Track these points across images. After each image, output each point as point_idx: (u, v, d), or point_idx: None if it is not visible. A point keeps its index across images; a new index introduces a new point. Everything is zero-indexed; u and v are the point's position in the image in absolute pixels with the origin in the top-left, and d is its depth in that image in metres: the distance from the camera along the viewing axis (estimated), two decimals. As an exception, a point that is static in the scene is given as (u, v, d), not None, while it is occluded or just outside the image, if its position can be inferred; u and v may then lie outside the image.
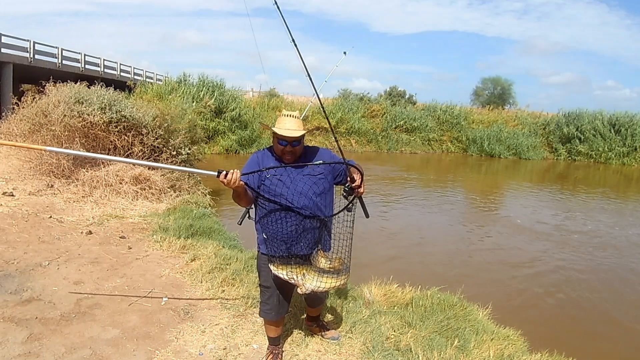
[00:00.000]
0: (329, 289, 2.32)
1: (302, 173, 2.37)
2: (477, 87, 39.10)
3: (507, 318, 3.78)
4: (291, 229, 2.32)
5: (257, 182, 2.36)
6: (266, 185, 2.35)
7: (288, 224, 2.32)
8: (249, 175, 2.28)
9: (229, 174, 2.13)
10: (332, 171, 2.46)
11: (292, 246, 2.35)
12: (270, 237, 2.36)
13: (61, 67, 18.90)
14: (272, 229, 2.34)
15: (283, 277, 2.29)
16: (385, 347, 2.88)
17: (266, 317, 2.59)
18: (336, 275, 2.30)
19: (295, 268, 2.30)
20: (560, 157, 23.11)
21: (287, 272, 2.28)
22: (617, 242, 7.71)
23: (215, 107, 16.66)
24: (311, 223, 2.36)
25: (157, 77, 28.13)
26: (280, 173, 2.36)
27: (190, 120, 8.48)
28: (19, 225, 4.70)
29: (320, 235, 2.41)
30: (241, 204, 2.40)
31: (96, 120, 6.65)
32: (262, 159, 2.42)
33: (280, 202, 2.32)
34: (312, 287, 2.26)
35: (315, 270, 2.30)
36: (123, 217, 5.48)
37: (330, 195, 2.48)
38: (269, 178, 2.35)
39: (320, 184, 2.39)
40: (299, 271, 2.29)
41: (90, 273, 3.71)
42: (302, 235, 2.35)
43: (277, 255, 2.35)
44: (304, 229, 2.35)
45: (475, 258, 6.39)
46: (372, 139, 21.83)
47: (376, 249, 6.24)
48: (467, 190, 13.13)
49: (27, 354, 2.52)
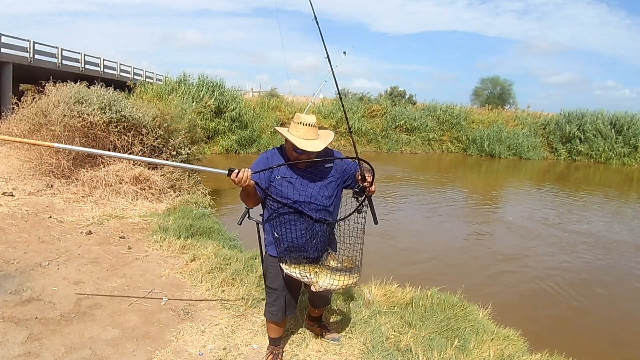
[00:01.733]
0: (342, 287, 2.30)
1: (313, 177, 2.31)
2: (477, 87, 39.13)
3: (507, 318, 3.78)
4: (301, 232, 2.29)
5: (266, 182, 2.31)
6: (275, 186, 2.30)
7: (297, 227, 2.29)
8: (259, 175, 2.24)
9: (241, 172, 2.11)
10: (342, 175, 2.41)
11: (301, 249, 2.32)
12: (282, 237, 2.33)
13: (61, 67, 18.89)
14: (281, 230, 2.31)
15: (295, 275, 2.27)
16: (385, 347, 2.88)
17: (272, 319, 2.57)
18: (348, 273, 2.29)
19: (308, 266, 2.28)
20: (561, 157, 23.10)
21: (300, 270, 2.27)
22: (617, 242, 7.71)
23: (215, 107, 16.66)
24: (320, 227, 2.32)
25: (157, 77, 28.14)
26: (290, 175, 2.30)
27: (190, 120, 8.48)
28: (18, 226, 4.69)
29: (329, 239, 2.39)
30: (249, 203, 2.36)
31: (96, 120, 6.64)
32: (273, 160, 2.35)
33: (289, 204, 2.28)
34: (326, 285, 2.25)
35: (327, 269, 2.28)
36: (123, 217, 5.47)
37: (339, 199, 2.43)
38: (279, 180, 2.29)
39: (330, 187, 2.34)
40: (312, 269, 2.28)
41: (90, 273, 3.71)
42: (311, 239, 2.32)
43: (287, 255, 2.32)
44: (313, 233, 2.31)
45: (476, 258, 6.39)
46: (372, 138, 21.82)
47: (376, 249, 6.24)
48: (467, 190, 13.12)
49: (27, 354, 2.52)
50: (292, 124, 2.31)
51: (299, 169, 2.33)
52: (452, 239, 7.45)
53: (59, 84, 7.65)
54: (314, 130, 2.28)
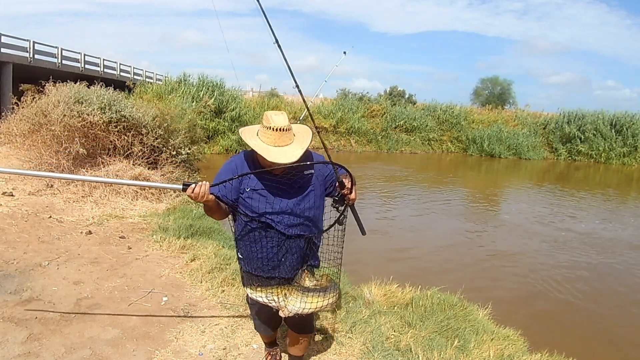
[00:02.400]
0: (315, 310, 1.97)
1: (290, 187, 1.98)
2: (477, 87, 39.09)
3: (507, 318, 3.79)
4: (272, 250, 2.00)
5: (233, 194, 1.99)
6: (245, 199, 1.99)
7: (269, 245, 1.99)
8: (222, 186, 1.95)
9: (197, 187, 1.85)
10: (325, 182, 2.11)
11: (273, 269, 2.04)
12: (246, 257, 2.07)
13: (61, 67, 18.89)
14: (250, 250, 2.03)
15: (262, 300, 1.99)
16: (385, 347, 2.88)
17: (258, 331, 2.49)
18: (323, 293, 1.97)
19: (276, 289, 1.98)
20: (561, 157, 23.12)
21: (267, 294, 1.97)
22: (618, 242, 7.71)
23: (215, 107, 16.67)
24: (296, 243, 2.02)
25: (157, 77, 28.13)
26: (262, 186, 1.97)
27: (190, 120, 8.49)
28: (18, 225, 4.69)
29: (306, 255, 2.08)
30: (215, 217, 2.07)
31: (96, 120, 6.64)
32: (241, 169, 2.02)
33: (261, 220, 1.98)
34: (296, 309, 1.95)
35: (299, 290, 1.97)
36: (123, 217, 5.47)
37: (321, 209, 2.11)
38: (248, 192, 1.97)
39: (310, 198, 2.03)
40: (280, 292, 1.97)
41: (90, 273, 3.71)
42: (285, 257, 2.03)
43: (255, 275, 2.06)
44: (287, 250, 2.02)
45: (476, 258, 6.39)
46: (372, 138, 21.82)
47: (376, 249, 6.24)
48: (467, 190, 13.13)
49: (26, 354, 2.52)
50: (261, 127, 1.95)
51: (274, 177, 1.97)
52: (452, 239, 7.45)
53: (59, 83, 7.65)
54: (287, 135, 1.91)
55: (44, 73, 13.32)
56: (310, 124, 2.23)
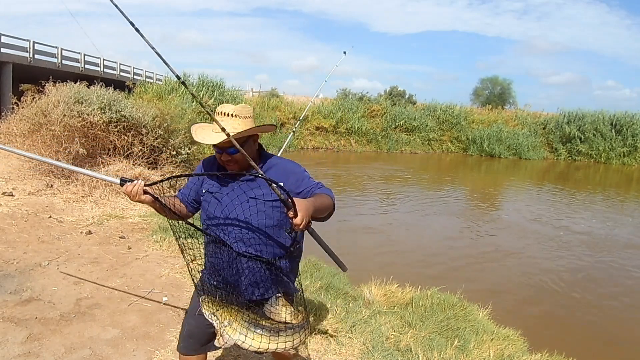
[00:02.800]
0: (258, 351, 1.54)
1: (248, 193, 1.68)
2: (476, 87, 39.09)
3: (507, 318, 3.79)
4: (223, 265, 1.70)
5: (192, 194, 1.87)
6: (203, 202, 1.81)
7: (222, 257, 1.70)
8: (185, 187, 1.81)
9: (131, 185, 1.67)
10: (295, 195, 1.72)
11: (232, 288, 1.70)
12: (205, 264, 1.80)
13: (61, 67, 18.87)
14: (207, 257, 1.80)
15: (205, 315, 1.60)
16: (385, 347, 2.88)
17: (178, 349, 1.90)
18: (275, 335, 1.54)
19: (228, 308, 1.59)
20: (561, 157, 23.14)
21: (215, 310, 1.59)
22: (618, 242, 7.71)
23: (215, 107, 16.63)
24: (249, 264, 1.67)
25: (157, 77, 28.10)
26: (218, 189, 1.75)
27: (190, 120, 8.48)
28: (18, 225, 4.69)
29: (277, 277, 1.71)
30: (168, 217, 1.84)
31: (96, 120, 6.64)
32: (207, 169, 1.87)
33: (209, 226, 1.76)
34: (235, 340, 1.54)
35: (246, 320, 1.56)
36: (123, 217, 5.47)
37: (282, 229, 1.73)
38: (205, 195, 1.79)
39: (271, 213, 1.67)
40: (226, 315, 1.57)
41: (90, 273, 3.71)
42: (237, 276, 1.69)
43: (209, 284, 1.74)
44: (238, 269, 1.68)
45: (476, 258, 6.39)
46: (372, 138, 21.84)
47: (376, 249, 6.24)
48: (468, 190, 13.13)
49: (26, 354, 2.52)
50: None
51: (231, 180, 1.74)
52: (452, 239, 7.45)
53: (59, 83, 7.65)
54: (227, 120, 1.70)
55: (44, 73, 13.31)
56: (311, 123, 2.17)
